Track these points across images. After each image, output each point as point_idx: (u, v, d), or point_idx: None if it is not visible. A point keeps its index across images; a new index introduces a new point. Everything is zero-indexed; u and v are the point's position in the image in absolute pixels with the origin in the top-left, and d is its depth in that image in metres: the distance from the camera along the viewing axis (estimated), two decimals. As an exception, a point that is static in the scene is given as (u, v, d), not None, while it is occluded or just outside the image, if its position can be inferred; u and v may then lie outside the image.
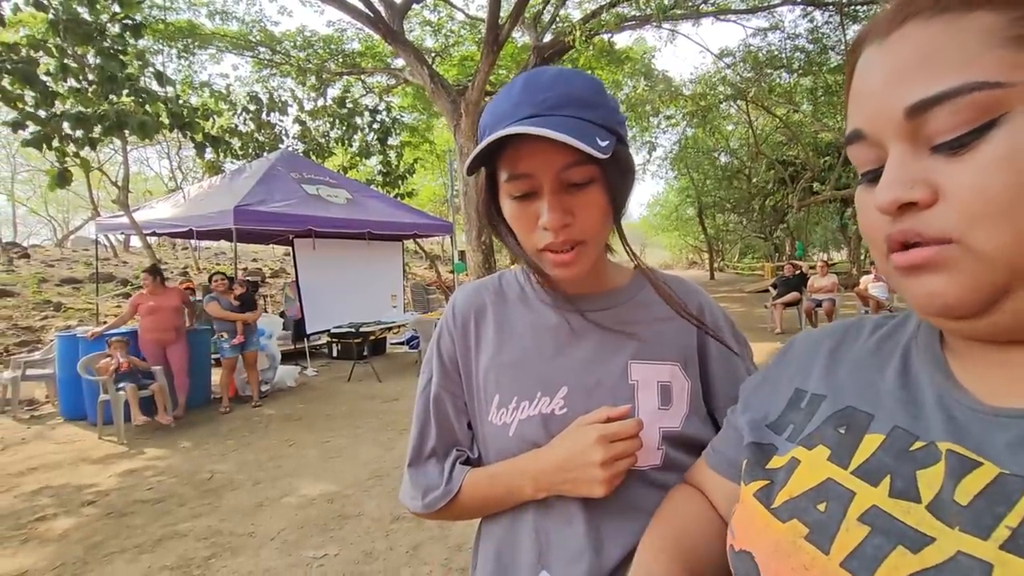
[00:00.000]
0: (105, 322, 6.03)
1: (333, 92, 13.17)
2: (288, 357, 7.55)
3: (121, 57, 6.23)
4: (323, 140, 12.42)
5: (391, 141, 13.31)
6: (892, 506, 0.35)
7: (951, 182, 0.32)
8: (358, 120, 12.69)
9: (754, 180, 21.95)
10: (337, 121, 12.39)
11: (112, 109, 5.88)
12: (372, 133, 12.87)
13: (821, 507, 0.38)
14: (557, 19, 11.91)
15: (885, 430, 0.39)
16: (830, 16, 11.69)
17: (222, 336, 5.57)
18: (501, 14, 8.72)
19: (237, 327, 5.55)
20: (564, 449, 0.63)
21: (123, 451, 4.43)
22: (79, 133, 5.95)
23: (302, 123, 12.14)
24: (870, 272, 9.05)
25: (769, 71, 13.84)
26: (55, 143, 5.89)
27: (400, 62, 12.21)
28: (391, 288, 9.15)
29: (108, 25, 6.18)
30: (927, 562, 0.31)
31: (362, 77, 14.29)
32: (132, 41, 6.52)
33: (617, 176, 0.62)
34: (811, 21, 12.19)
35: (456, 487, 0.70)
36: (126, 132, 6.28)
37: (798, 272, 9.27)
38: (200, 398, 5.80)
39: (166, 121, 6.82)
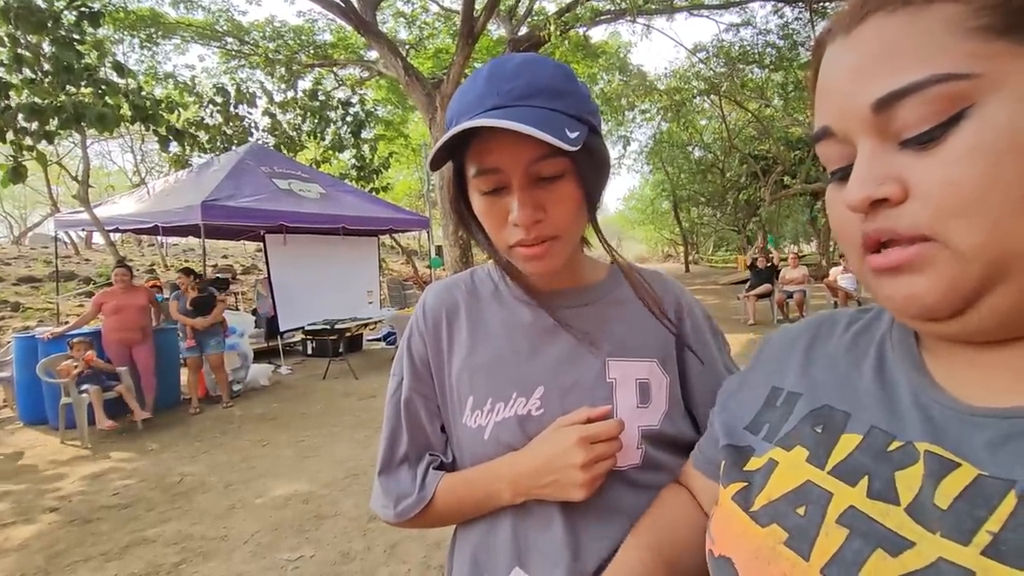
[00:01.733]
0: (66, 322, 5.81)
1: (304, 84, 12.90)
2: (261, 355, 7.39)
3: (78, 47, 5.96)
4: (294, 133, 12.14)
5: (365, 134, 13.09)
6: (870, 507, 0.34)
7: (920, 177, 0.31)
8: (330, 113, 12.44)
9: (727, 174, 22.31)
10: (309, 114, 12.13)
11: (69, 101, 5.63)
12: (345, 126, 12.63)
13: (800, 511, 0.37)
14: (532, 12, 11.86)
15: (862, 430, 0.38)
16: (800, 12, 11.91)
17: (179, 336, 5.45)
18: (476, 6, 8.64)
19: (187, 331, 5.40)
20: (543, 452, 0.61)
21: (87, 455, 4.28)
22: (35, 126, 5.68)
23: (272, 116, 11.84)
24: (839, 264, 9.29)
25: (741, 66, 14.04)
26: (10, 136, 5.62)
27: (373, 54, 12.01)
28: (367, 284, 9.03)
29: (64, 13, 5.90)
30: (908, 566, 0.30)
31: (334, 69, 14.01)
32: (90, 30, 6.25)
33: (590, 168, 0.60)
34: (781, 17, 12.40)
35: (430, 494, 0.68)
36: (84, 125, 6.02)
37: (770, 264, 9.49)
38: (169, 399, 5.64)
39: (128, 113, 6.56)
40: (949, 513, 0.31)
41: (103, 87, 6.19)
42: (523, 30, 11.38)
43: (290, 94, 12.44)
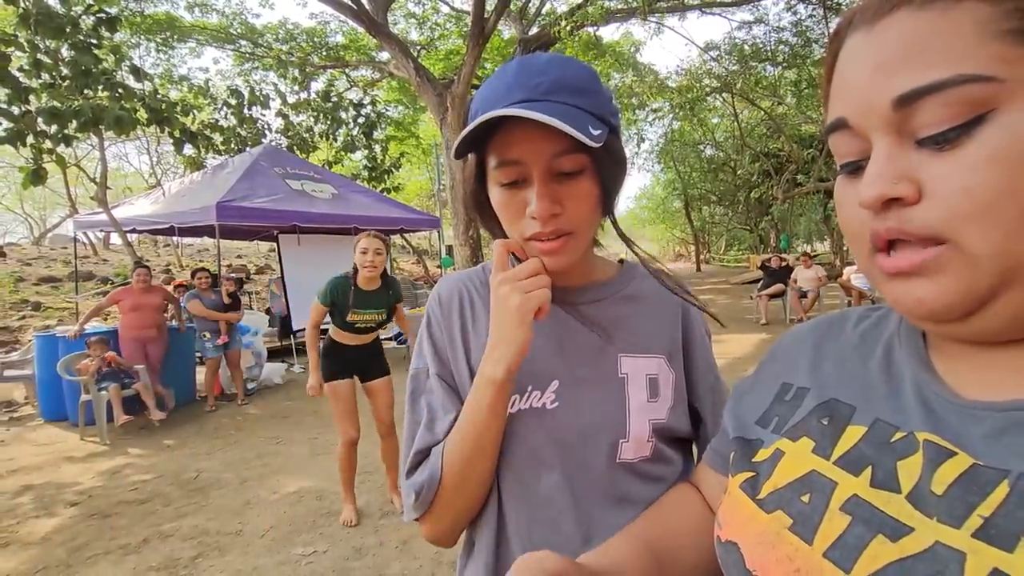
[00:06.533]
0: (85, 320, 5.91)
1: (317, 86, 13.02)
2: (274, 354, 7.47)
3: (95, 51, 6.08)
4: (307, 135, 12.26)
5: (376, 135, 13.19)
6: (873, 496, 0.35)
7: (936, 179, 0.31)
8: (342, 114, 12.55)
9: (739, 172, 22.07)
10: (321, 115, 12.24)
11: (87, 104, 5.74)
12: (357, 127, 12.73)
13: (805, 498, 0.38)
14: (542, 12, 11.86)
15: (867, 422, 0.39)
16: (813, 9, 11.78)
17: (204, 336, 5.48)
18: (487, 7, 8.66)
19: (221, 326, 5.46)
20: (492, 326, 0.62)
21: (106, 451, 4.36)
22: (54, 129, 5.81)
23: (285, 117, 11.97)
24: (853, 263, 9.19)
25: (754, 64, 13.90)
26: (30, 140, 5.75)
27: (385, 55, 12.09)
28: (378, 284, 9.08)
29: (82, 18, 6.02)
30: (906, 551, 0.31)
31: (346, 71, 14.13)
32: (107, 34, 6.36)
33: (609, 167, 0.61)
34: (795, 14, 12.27)
35: (439, 463, 0.64)
36: (102, 128, 6.14)
37: (784, 264, 9.42)
38: (185, 397, 5.73)
39: (144, 116, 6.67)
40: (944, 499, 0.32)
41: (120, 91, 6.31)
42: (534, 30, 11.39)
43: (303, 96, 12.57)
